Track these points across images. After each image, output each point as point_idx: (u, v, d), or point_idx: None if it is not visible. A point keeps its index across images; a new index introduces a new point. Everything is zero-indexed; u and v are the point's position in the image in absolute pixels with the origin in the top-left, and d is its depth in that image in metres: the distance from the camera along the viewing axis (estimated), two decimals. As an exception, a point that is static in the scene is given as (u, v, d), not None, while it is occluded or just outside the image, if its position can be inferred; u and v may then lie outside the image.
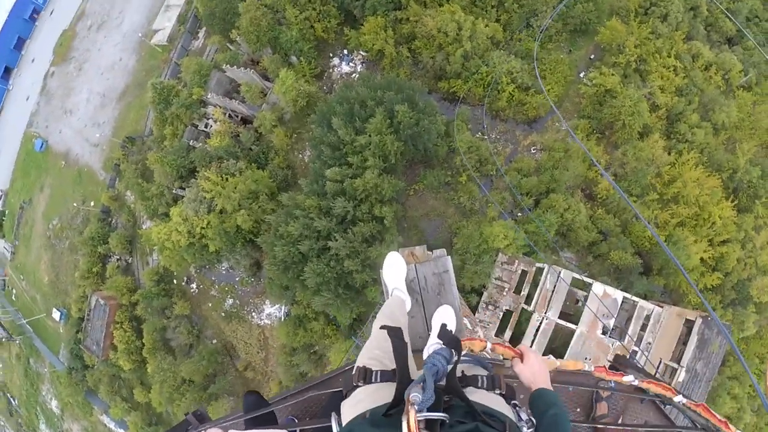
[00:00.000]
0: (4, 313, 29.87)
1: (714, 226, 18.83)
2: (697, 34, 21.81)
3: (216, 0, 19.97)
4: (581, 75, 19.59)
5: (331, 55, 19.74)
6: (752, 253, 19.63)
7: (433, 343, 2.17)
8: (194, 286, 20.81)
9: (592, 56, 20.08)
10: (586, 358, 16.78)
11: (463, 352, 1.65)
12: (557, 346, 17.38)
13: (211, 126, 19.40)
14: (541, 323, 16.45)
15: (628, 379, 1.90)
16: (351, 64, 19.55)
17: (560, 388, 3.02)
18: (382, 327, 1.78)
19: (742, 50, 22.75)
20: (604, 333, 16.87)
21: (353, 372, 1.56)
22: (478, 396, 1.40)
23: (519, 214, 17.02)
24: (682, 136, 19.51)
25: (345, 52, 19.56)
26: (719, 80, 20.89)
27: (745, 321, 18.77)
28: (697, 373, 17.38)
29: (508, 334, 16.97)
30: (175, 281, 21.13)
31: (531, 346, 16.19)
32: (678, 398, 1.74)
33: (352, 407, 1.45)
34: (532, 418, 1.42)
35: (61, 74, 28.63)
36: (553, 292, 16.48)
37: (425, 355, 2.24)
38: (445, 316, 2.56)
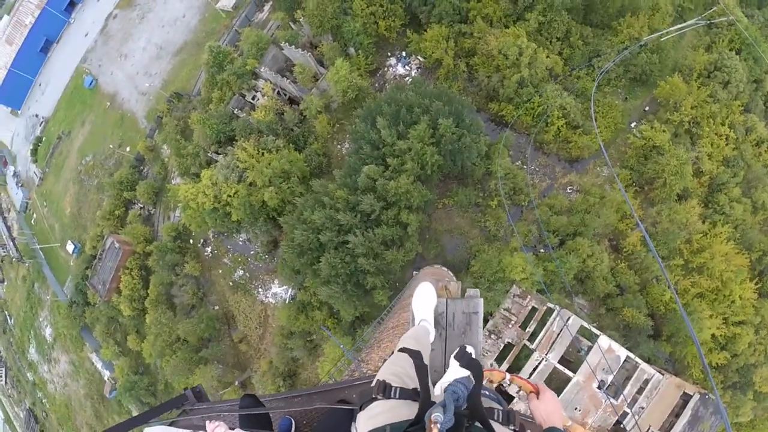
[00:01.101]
0: (20, 234, 30.87)
1: (732, 305, 18.33)
2: (755, 107, 21.31)
3: (287, -22, 20.29)
4: (632, 125, 19.27)
5: (389, 54, 19.85)
6: (764, 340, 19.05)
7: (448, 381, 2.16)
8: (209, 250, 21.16)
9: (647, 108, 19.74)
10: (576, 409, 16.46)
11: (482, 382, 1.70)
12: (550, 389, 17.09)
13: (258, 99, 19.71)
14: (539, 364, 16.20)
15: None
16: (407, 67, 19.63)
17: None
18: (402, 349, 1.83)
19: (799, 133, 22.09)
20: (599, 387, 16.52)
21: (373, 384, 1.59)
22: (495, 428, 1.42)
23: (542, 250, 16.83)
24: (720, 207, 19.05)
25: (403, 54, 19.64)
26: (768, 159, 20.38)
27: (741, 407, 18.24)
28: (683, 449, 16.87)
29: (504, 366, 16.76)
30: (191, 241, 21.52)
31: (524, 384, 16.01)
32: None
33: (370, 419, 1.48)
34: None
35: (123, 18, 29.45)
36: (558, 335, 16.22)
37: (437, 391, 2.24)
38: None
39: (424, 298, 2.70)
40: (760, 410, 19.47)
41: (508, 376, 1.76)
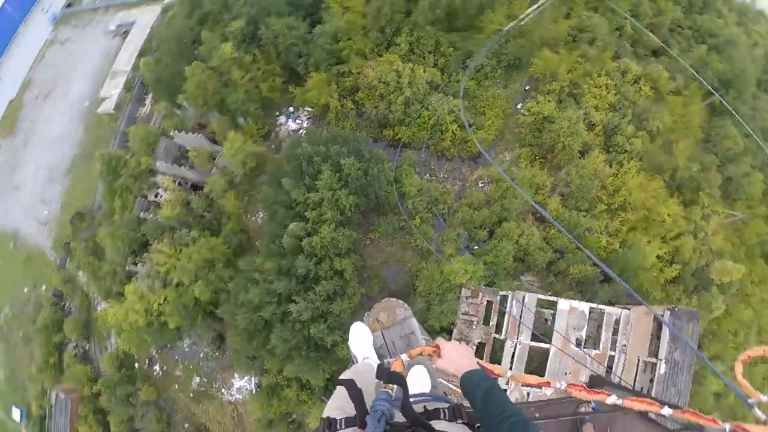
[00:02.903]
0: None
1: (664, 224, 19.84)
2: (624, 51, 23.41)
3: (162, 64, 20.13)
4: (518, 106, 20.74)
5: (277, 113, 20.12)
6: (705, 240, 20.64)
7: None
8: (157, 368, 19.70)
9: (527, 87, 21.36)
10: (566, 373, 16.87)
11: (419, 391, 1.69)
12: (535, 367, 17.45)
13: (161, 195, 19.07)
14: (515, 349, 16.54)
15: (612, 400, 1.78)
16: (297, 121, 19.97)
17: (542, 424, 3.07)
18: (339, 382, 1.89)
19: (668, 58, 24.54)
20: (578, 345, 17.07)
21: (318, 424, 1.63)
22: (442, 426, 1.48)
23: (476, 247, 17.43)
24: (621, 147, 20.73)
25: (291, 109, 19.99)
26: (649, 90, 22.44)
27: (712, 302, 19.36)
28: (677, 362, 17.67)
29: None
30: (137, 365, 19.94)
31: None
32: (665, 410, 1.68)
33: None
34: None
35: (7, 147, 27.62)
36: (520, 317, 16.70)
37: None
38: (417, 376, 2.50)
39: (359, 338, 2.75)
40: (729, 299, 20.85)
41: (404, 356, 1.76)
